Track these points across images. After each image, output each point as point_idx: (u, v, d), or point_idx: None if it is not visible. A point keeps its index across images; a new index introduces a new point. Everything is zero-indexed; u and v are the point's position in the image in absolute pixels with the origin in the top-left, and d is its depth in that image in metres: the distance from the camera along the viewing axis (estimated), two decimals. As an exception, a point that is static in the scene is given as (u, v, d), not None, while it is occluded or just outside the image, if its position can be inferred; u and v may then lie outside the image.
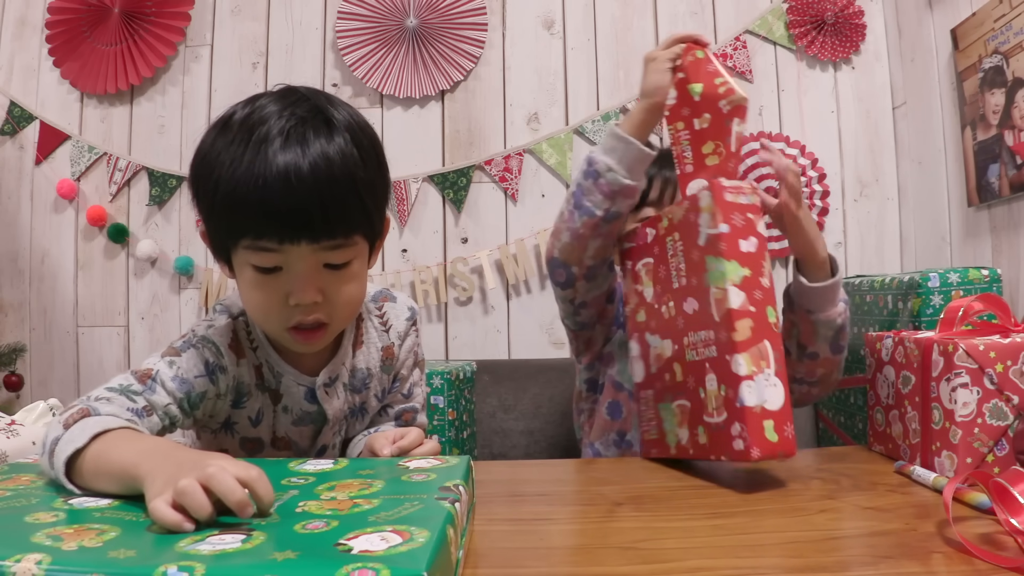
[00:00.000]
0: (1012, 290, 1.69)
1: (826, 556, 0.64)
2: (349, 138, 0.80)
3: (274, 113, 0.78)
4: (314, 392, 0.94)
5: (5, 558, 0.46)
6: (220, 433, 0.94)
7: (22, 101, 2.35)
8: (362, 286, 0.88)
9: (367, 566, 0.44)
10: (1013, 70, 1.66)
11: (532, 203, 2.30)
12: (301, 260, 0.80)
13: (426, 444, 0.88)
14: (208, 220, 0.82)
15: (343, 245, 0.81)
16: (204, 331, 0.89)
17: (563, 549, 0.68)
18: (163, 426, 0.82)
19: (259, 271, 0.80)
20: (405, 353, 1.03)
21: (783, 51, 2.29)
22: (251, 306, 0.85)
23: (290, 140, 0.76)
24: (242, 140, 0.77)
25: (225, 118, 0.82)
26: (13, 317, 2.37)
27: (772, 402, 0.83)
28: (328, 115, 0.80)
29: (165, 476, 0.57)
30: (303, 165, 0.75)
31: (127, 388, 0.80)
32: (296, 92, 0.83)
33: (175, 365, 0.85)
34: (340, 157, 0.78)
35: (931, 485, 0.84)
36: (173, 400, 0.83)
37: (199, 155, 0.81)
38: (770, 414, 0.83)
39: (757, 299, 0.86)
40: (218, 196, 0.77)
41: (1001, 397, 0.85)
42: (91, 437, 0.66)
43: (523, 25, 2.33)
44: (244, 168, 0.75)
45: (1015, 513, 0.61)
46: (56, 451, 0.67)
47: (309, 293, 0.80)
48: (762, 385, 0.83)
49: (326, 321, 0.84)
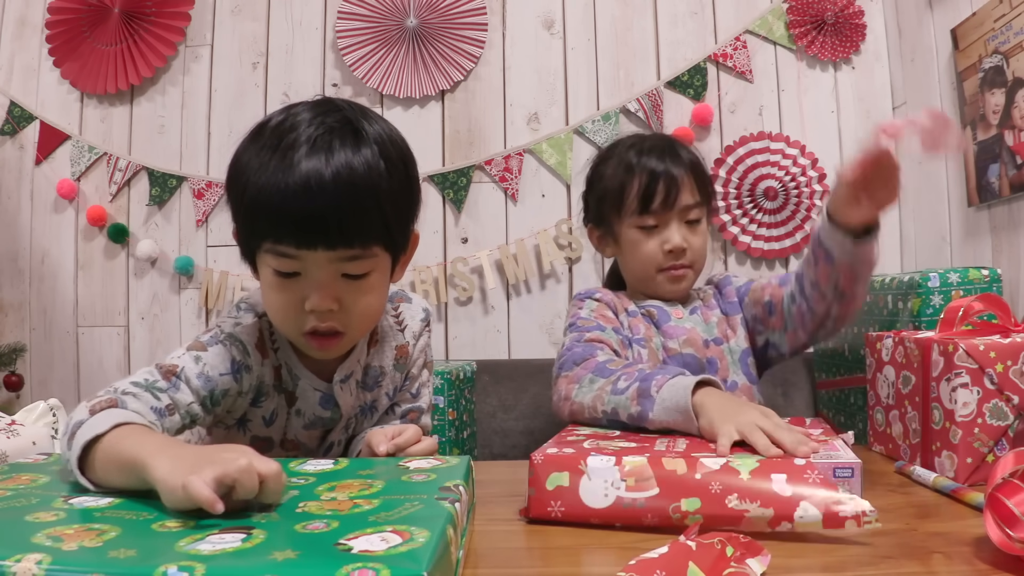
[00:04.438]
0: (1012, 290, 1.69)
1: (826, 556, 0.64)
2: (377, 151, 0.80)
3: (305, 121, 0.80)
4: (328, 397, 0.95)
5: (5, 558, 0.46)
6: (233, 429, 0.95)
7: (22, 101, 2.35)
8: (380, 299, 0.88)
9: (367, 566, 0.44)
10: (1013, 70, 1.66)
11: (532, 203, 2.30)
12: (318, 267, 0.81)
13: (423, 442, 0.88)
14: (236, 221, 0.85)
15: (361, 256, 0.81)
16: (231, 328, 0.90)
17: (563, 549, 0.68)
18: (183, 424, 0.83)
19: (279, 275, 0.82)
20: (418, 353, 1.05)
21: (783, 51, 2.29)
22: (271, 308, 0.87)
23: (316, 148, 0.77)
24: (272, 146, 0.79)
25: (261, 124, 0.84)
26: (13, 317, 2.37)
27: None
28: (359, 127, 0.81)
29: (192, 461, 0.59)
30: (325, 172, 0.76)
31: (152, 384, 0.81)
32: (331, 103, 0.84)
33: (201, 361, 0.85)
34: (365, 168, 0.78)
35: (931, 485, 0.84)
36: (196, 399, 0.84)
37: (234, 158, 0.84)
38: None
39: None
40: (245, 199, 0.80)
41: (1001, 397, 0.85)
42: (112, 425, 0.68)
43: (523, 25, 2.32)
44: (270, 173, 0.77)
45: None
46: (77, 434, 0.68)
47: (325, 300, 0.81)
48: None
49: (341, 330, 0.85)
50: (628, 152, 1.19)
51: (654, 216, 1.16)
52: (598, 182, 1.24)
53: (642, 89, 2.28)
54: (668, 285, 1.19)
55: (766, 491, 0.68)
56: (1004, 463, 0.62)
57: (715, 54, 2.27)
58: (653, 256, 1.17)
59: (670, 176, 1.14)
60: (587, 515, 0.73)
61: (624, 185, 1.16)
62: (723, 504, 0.69)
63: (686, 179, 1.16)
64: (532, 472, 0.75)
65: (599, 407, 0.97)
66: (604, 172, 1.22)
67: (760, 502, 0.68)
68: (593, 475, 0.73)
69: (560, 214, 2.29)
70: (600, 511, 0.72)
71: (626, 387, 0.94)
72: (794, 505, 0.67)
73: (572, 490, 0.73)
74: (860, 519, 0.65)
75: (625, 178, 1.16)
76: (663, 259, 1.17)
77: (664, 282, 1.19)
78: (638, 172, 1.15)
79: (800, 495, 0.67)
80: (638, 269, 1.21)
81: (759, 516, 0.67)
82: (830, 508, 0.66)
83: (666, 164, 1.15)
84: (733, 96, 2.29)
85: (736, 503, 0.68)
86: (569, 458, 0.75)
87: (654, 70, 2.30)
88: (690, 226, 1.18)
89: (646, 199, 1.15)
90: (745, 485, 0.69)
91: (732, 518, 0.68)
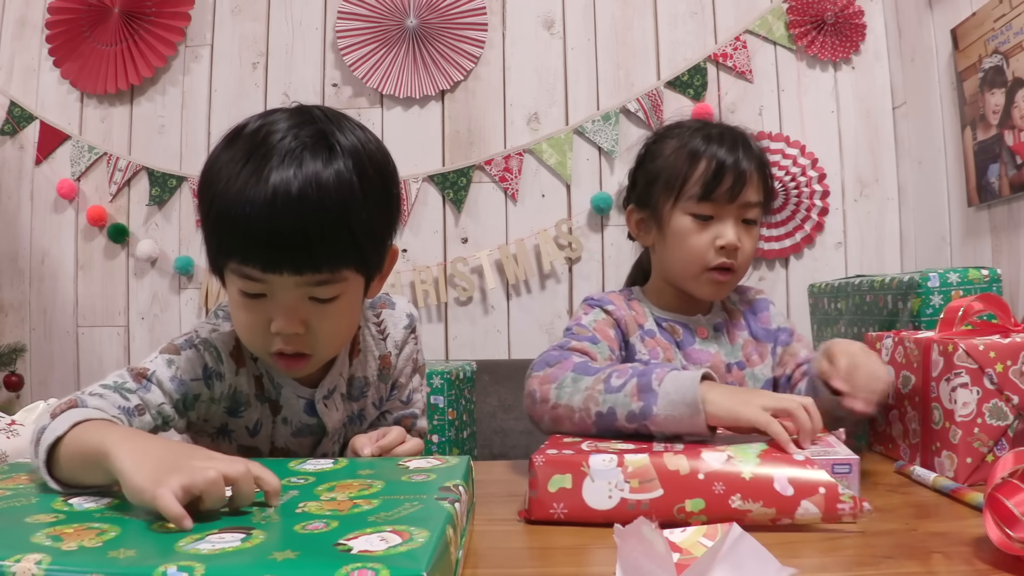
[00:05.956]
0: (1012, 290, 1.69)
1: (826, 556, 0.64)
2: (351, 165, 0.76)
3: (279, 133, 0.76)
4: (313, 404, 0.93)
5: (5, 558, 0.46)
6: (217, 438, 0.94)
7: (22, 101, 2.35)
8: (351, 321, 0.86)
9: (366, 566, 0.44)
10: (1013, 70, 1.66)
11: (532, 203, 2.30)
12: (284, 291, 0.77)
13: (407, 443, 0.87)
14: (204, 231, 0.81)
15: (330, 281, 0.78)
16: (207, 334, 0.88)
17: (563, 549, 0.68)
18: (155, 425, 0.82)
19: (244, 295, 0.79)
20: (403, 361, 1.02)
21: (783, 51, 2.29)
22: (238, 326, 0.84)
23: (285, 163, 0.73)
24: (243, 157, 0.75)
25: (237, 130, 0.80)
26: (13, 317, 2.37)
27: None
28: (332, 140, 0.77)
29: (156, 461, 0.58)
30: (292, 188, 0.72)
31: (121, 386, 0.80)
32: (306, 113, 0.80)
33: (174, 365, 0.84)
34: (335, 183, 0.74)
35: (931, 485, 0.84)
36: (168, 400, 0.82)
37: (205, 165, 0.80)
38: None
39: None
40: (212, 212, 0.76)
41: (1001, 397, 0.85)
42: (71, 425, 0.67)
43: (523, 25, 2.32)
44: (238, 187, 0.74)
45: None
46: (41, 440, 0.68)
47: (291, 324, 0.78)
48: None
49: (308, 352, 0.82)
50: (694, 135, 1.09)
51: (713, 206, 1.05)
52: (652, 160, 1.11)
53: (642, 89, 2.28)
54: (709, 287, 1.08)
55: (768, 491, 0.69)
56: (1004, 463, 0.62)
57: (715, 54, 2.27)
58: (702, 250, 1.06)
59: (739, 167, 1.04)
60: (591, 517, 0.72)
61: (686, 167, 1.05)
62: (727, 505, 0.69)
63: (754, 175, 1.06)
64: (533, 474, 0.75)
65: (592, 408, 0.89)
66: (661, 151, 1.10)
67: (763, 502, 0.69)
68: (596, 476, 0.73)
69: (560, 214, 2.29)
70: (604, 512, 0.72)
71: (622, 384, 0.88)
72: (795, 505, 0.69)
73: (575, 492, 0.73)
74: (856, 514, 0.68)
75: (689, 160, 1.06)
76: (712, 256, 1.05)
77: (706, 283, 1.07)
78: (705, 156, 1.05)
79: (801, 494, 0.69)
80: (681, 262, 1.08)
81: (762, 515, 0.69)
82: (829, 506, 0.68)
83: (737, 154, 1.05)
84: (733, 96, 2.29)
85: (739, 503, 0.69)
86: (570, 459, 0.74)
87: (654, 70, 2.30)
88: (746, 226, 1.07)
89: (709, 185, 1.04)
90: (748, 485, 0.70)
91: (735, 518, 0.68)
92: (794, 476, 0.70)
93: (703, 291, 1.09)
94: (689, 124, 1.13)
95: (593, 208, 2.27)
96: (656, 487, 0.71)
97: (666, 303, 1.12)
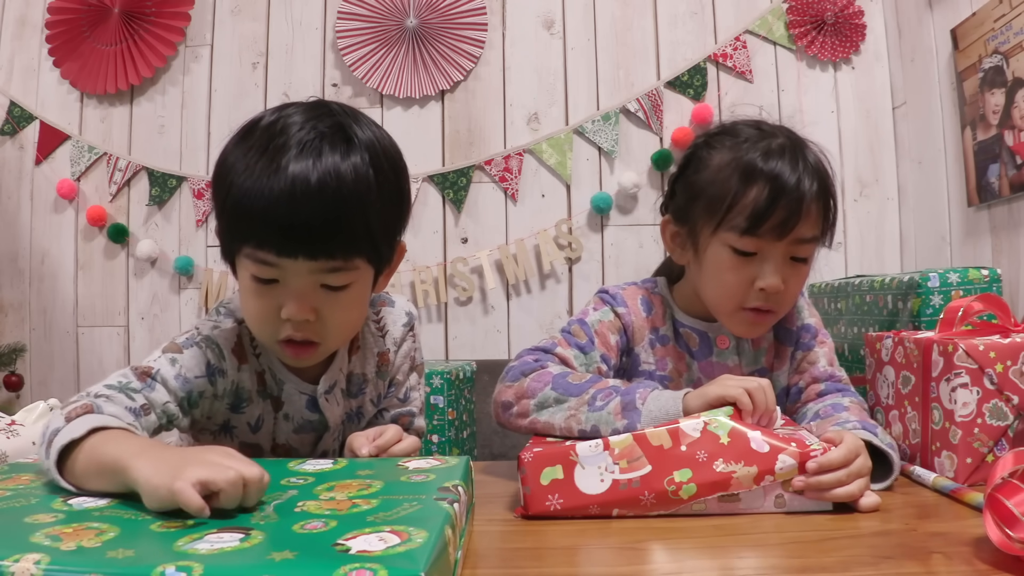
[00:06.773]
0: (1012, 290, 1.69)
1: (826, 556, 0.64)
2: (367, 158, 0.78)
3: (296, 124, 0.78)
4: (315, 400, 0.93)
5: (4, 558, 0.46)
6: (219, 435, 0.94)
7: (22, 101, 2.35)
8: (360, 311, 0.87)
9: (365, 566, 0.44)
10: (1013, 70, 1.66)
11: (532, 203, 2.30)
12: (297, 276, 0.79)
13: (404, 441, 0.88)
14: (219, 221, 0.83)
15: (342, 268, 0.79)
16: (209, 331, 0.89)
17: (563, 549, 0.68)
18: (160, 424, 0.82)
19: (257, 280, 0.80)
20: (401, 359, 1.02)
21: (783, 51, 2.29)
22: (247, 313, 0.85)
23: (304, 153, 0.75)
24: (260, 148, 0.77)
25: (252, 123, 0.82)
26: (13, 317, 2.37)
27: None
28: (350, 132, 0.79)
29: (175, 463, 0.58)
30: (311, 178, 0.74)
31: (126, 386, 0.80)
32: (324, 106, 0.82)
33: (177, 363, 0.85)
34: (353, 176, 0.76)
35: (931, 485, 0.84)
36: (173, 399, 0.83)
37: (221, 156, 0.82)
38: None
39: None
40: (228, 201, 0.78)
41: (1001, 397, 0.85)
42: (89, 430, 0.67)
43: (523, 25, 2.33)
44: (255, 177, 0.75)
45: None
46: (54, 441, 0.68)
47: (302, 310, 0.79)
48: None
49: (317, 340, 0.83)
50: (750, 149, 0.93)
51: (758, 242, 0.91)
52: (697, 171, 0.97)
53: (642, 89, 2.28)
54: (742, 327, 0.97)
55: (747, 451, 0.74)
56: (1003, 463, 0.62)
57: (715, 54, 2.27)
58: (740, 289, 0.93)
59: (797, 196, 0.90)
60: (586, 503, 0.74)
61: (734, 190, 0.91)
62: (712, 470, 0.74)
63: (813, 205, 0.92)
64: (524, 471, 0.76)
65: (575, 427, 0.87)
66: (709, 162, 0.96)
67: (744, 461, 0.74)
68: (586, 463, 0.75)
69: (560, 214, 2.29)
70: (598, 497, 0.74)
71: (605, 404, 0.86)
72: (773, 460, 0.74)
73: (568, 481, 0.75)
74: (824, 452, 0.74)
75: (740, 181, 0.91)
76: (751, 296, 0.94)
77: (740, 322, 0.97)
78: (759, 180, 0.90)
79: (777, 448, 0.74)
80: (715, 295, 0.97)
81: (746, 475, 0.73)
82: (803, 457, 0.74)
83: (798, 177, 0.91)
84: (733, 96, 2.28)
85: (723, 466, 0.74)
86: (558, 451, 0.76)
87: (654, 70, 2.30)
88: (794, 264, 0.94)
89: (758, 219, 0.89)
90: (727, 449, 0.74)
91: (722, 481, 0.73)
92: (765, 431, 0.76)
93: (735, 329, 0.99)
94: (744, 130, 0.97)
95: (593, 208, 2.27)
96: (644, 464, 0.74)
97: (691, 307, 1.03)
